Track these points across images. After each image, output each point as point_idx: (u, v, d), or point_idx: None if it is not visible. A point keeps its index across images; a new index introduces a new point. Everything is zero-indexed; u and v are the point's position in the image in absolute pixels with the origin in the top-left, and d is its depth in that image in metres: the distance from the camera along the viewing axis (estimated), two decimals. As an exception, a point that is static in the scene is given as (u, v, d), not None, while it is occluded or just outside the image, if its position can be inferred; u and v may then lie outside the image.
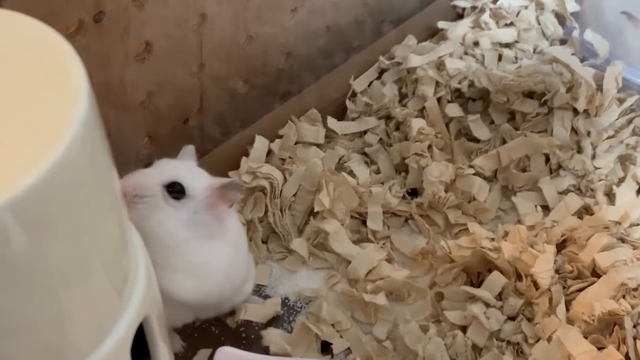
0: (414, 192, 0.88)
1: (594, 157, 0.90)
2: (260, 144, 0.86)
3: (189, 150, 0.66)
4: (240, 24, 0.83)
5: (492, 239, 0.77)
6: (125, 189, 0.57)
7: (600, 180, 0.87)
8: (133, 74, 0.74)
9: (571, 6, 1.03)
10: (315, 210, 0.80)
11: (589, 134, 0.91)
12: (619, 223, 0.80)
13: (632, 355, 0.65)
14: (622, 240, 0.78)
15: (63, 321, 0.39)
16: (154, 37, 0.73)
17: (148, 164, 0.80)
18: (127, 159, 0.80)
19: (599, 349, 0.65)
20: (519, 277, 0.73)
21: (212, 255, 0.62)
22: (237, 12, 0.81)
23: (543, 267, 0.70)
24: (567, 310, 0.69)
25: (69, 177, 0.35)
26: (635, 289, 0.69)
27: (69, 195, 0.35)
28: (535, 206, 0.85)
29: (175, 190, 0.60)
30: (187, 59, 0.79)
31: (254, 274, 0.74)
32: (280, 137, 0.89)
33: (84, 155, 0.36)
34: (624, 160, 0.90)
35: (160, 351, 0.51)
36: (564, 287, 0.72)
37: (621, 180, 0.87)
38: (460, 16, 1.10)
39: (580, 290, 0.71)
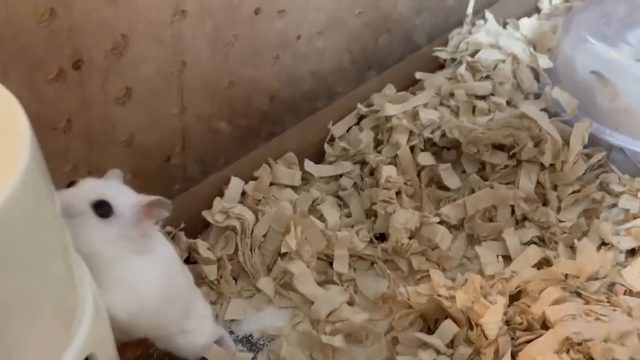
0: (382, 237, 0.91)
1: (559, 210, 0.93)
2: (235, 184, 0.90)
3: (116, 173, 0.67)
4: (221, 71, 0.87)
5: (450, 288, 0.80)
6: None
7: (563, 233, 0.90)
8: (114, 116, 0.77)
9: (545, 62, 1.06)
10: (283, 251, 0.84)
11: (555, 187, 0.94)
12: (576, 277, 0.82)
13: (570, 408, 0.68)
14: (579, 294, 0.80)
15: (9, 353, 0.43)
16: (134, 83, 0.77)
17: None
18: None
19: (540, 401, 0.68)
20: (471, 326, 0.76)
21: (140, 272, 0.63)
22: (218, 60, 0.85)
23: (492, 318, 0.73)
24: (514, 360, 0.72)
25: (12, 221, 0.39)
26: (579, 344, 0.72)
27: (12, 237, 0.39)
28: (498, 256, 0.88)
29: (103, 209, 0.61)
30: (168, 102, 0.83)
31: (208, 323, 0.76)
32: (255, 179, 0.92)
33: (26, 201, 0.40)
34: (589, 215, 0.93)
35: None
36: (512, 338, 0.74)
37: (584, 234, 0.90)
38: (441, 66, 1.14)
39: (529, 341, 0.74)
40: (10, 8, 0.60)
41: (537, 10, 1.35)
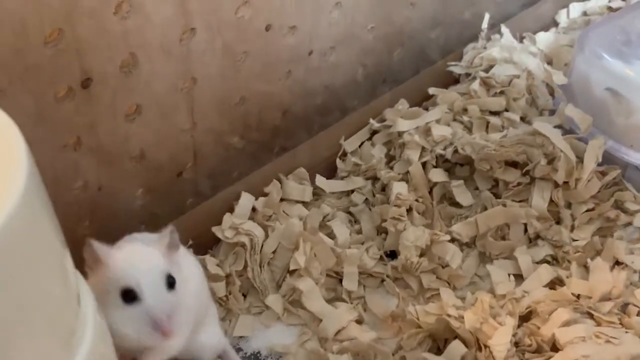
0: (393, 254, 0.90)
1: (573, 228, 0.91)
2: (246, 200, 0.90)
3: (94, 244, 0.62)
4: (232, 86, 0.87)
5: (459, 307, 0.79)
6: (168, 325, 0.59)
7: (577, 252, 0.88)
8: (124, 133, 0.78)
9: (560, 78, 1.05)
10: (291, 268, 0.83)
11: (569, 205, 0.92)
12: (589, 297, 0.81)
13: None
14: (590, 315, 0.79)
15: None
16: (144, 100, 0.77)
17: (141, 215, 0.86)
18: (119, 210, 0.84)
19: None
20: (480, 347, 0.75)
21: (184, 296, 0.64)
22: (229, 76, 0.85)
23: (500, 339, 0.72)
24: (522, 383, 0.71)
25: (8, 246, 0.39)
26: (589, 367, 0.71)
27: (9, 261, 0.39)
28: (509, 275, 0.87)
29: (172, 281, 0.61)
30: (178, 118, 0.83)
31: (218, 323, 0.77)
32: (266, 194, 0.92)
33: (23, 225, 0.40)
34: (604, 233, 0.91)
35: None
36: (521, 360, 0.73)
37: (598, 253, 0.88)
38: (456, 81, 1.14)
39: (537, 364, 0.73)
40: (17, 29, 0.60)
41: (555, 24, 1.33)
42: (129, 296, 0.59)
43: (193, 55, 0.79)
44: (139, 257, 0.62)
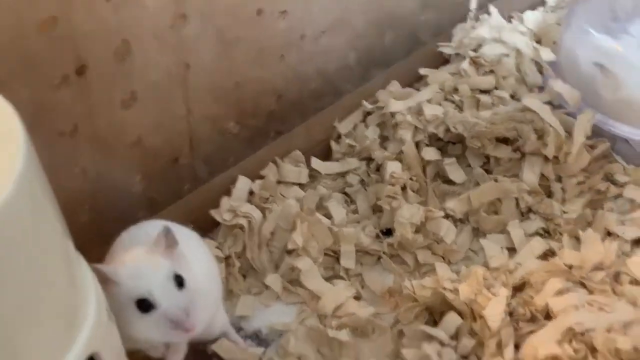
0: (389, 232, 0.92)
1: (564, 201, 0.93)
2: (243, 183, 0.92)
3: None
4: (226, 72, 0.88)
5: (454, 281, 0.81)
6: (188, 320, 0.61)
7: (568, 224, 0.90)
8: (120, 119, 0.79)
9: (548, 55, 1.06)
10: (289, 248, 0.85)
11: (560, 179, 0.94)
12: (580, 267, 0.83)
13: (574, 397, 0.68)
14: (583, 285, 0.81)
15: (14, 355, 0.44)
16: (139, 86, 0.78)
17: (140, 200, 0.87)
18: (118, 195, 0.86)
19: (543, 391, 0.69)
20: (475, 318, 0.77)
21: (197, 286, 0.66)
22: (222, 62, 0.87)
23: (494, 310, 0.74)
24: (518, 352, 0.73)
25: (8, 230, 0.40)
26: (582, 334, 0.72)
27: (10, 244, 0.41)
28: (502, 248, 0.88)
29: (181, 280, 0.63)
30: (173, 104, 0.85)
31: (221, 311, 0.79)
32: (263, 177, 0.94)
33: (22, 209, 0.41)
34: (594, 205, 0.93)
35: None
36: (516, 330, 0.75)
37: (589, 225, 0.90)
38: (447, 61, 1.15)
39: (532, 332, 0.74)
40: (12, 18, 0.62)
41: (543, 2, 1.35)
42: (145, 305, 0.62)
43: (186, 41, 0.80)
44: (145, 266, 0.64)
